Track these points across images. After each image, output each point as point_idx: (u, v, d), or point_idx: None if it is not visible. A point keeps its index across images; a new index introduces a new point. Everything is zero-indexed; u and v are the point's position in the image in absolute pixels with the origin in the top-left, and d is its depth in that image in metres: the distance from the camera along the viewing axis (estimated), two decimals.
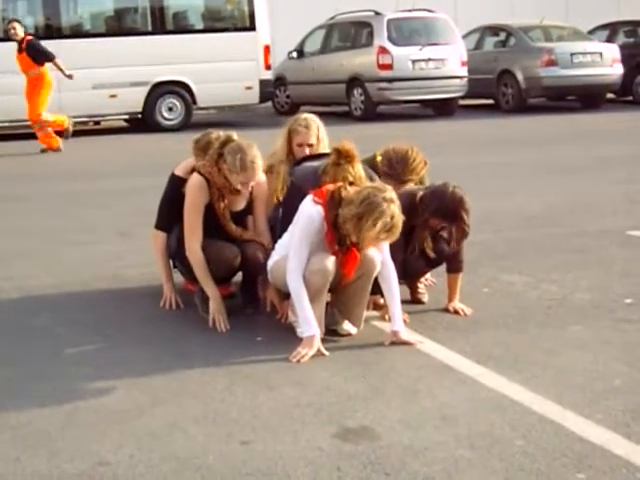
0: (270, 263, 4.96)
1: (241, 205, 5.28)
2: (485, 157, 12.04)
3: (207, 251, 5.09)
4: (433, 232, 5.14)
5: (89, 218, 8.56)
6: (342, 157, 4.91)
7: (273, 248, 5.04)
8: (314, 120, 5.59)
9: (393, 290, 4.79)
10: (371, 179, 5.03)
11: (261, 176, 5.21)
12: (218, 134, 5.44)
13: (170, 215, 5.50)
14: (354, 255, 4.66)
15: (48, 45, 14.20)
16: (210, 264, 5.08)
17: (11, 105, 15.24)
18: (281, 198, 5.39)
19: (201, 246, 5.10)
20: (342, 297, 4.90)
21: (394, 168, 5.35)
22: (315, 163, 5.16)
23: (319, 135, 5.54)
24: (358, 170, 4.93)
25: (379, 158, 5.50)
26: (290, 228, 4.82)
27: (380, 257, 4.73)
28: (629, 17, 21.44)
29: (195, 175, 5.18)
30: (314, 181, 4.92)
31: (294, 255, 4.65)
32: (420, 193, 5.10)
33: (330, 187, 4.69)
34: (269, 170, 5.46)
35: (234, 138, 5.15)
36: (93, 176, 11.34)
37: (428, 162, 5.52)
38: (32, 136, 14.53)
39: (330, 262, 4.65)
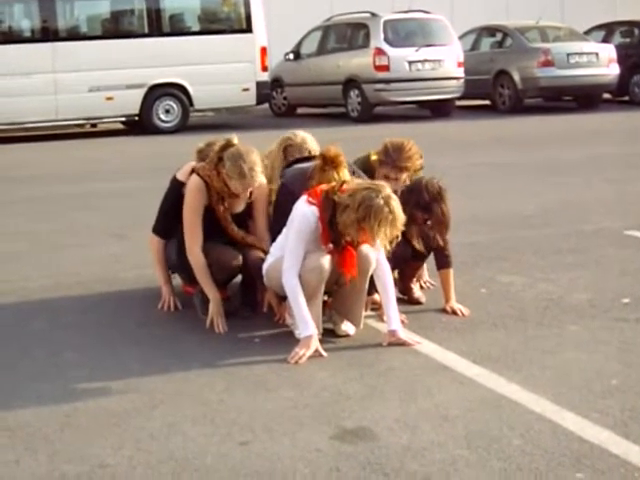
0: (265, 266, 4.95)
1: (240, 207, 5.27)
2: (481, 158, 12.04)
3: (209, 254, 5.07)
4: (420, 226, 5.17)
5: (86, 220, 8.55)
6: (327, 163, 4.90)
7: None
8: (311, 140, 5.53)
9: (388, 288, 4.78)
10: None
11: (261, 178, 5.19)
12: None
13: (169, 220, 5.46)
14: (350, 253, 4.65)
15: (45, 48, 14.15)
16: (211, 267, 5.07)
17: (6, 108, 15.31)
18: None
19: (202, 249, 5.08)
20: (340, 297, 4.90)
21: (390, 156, 5.37)
22: (305, 165, 5.16)
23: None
24: (343, 176, 4.91)
25: (374, 157, 5.50)
26: (284, 230, 4.82)
27: (375, 254, 4.72)
28: (625, 17, 21.44)
29: (194, 177, 5.16)
30: (303, 183, 4.92)
31: (290, 255, 4.64)
32: (400, 189, 5.15)
33: (324, 187, 4.68)
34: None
35: (234, 142, 5.11)
36: (90, 179, 11.32)
37: (423, 155, 5.53)
38: (26, 139, 14.51)
39: (326, 260, 4.65)
